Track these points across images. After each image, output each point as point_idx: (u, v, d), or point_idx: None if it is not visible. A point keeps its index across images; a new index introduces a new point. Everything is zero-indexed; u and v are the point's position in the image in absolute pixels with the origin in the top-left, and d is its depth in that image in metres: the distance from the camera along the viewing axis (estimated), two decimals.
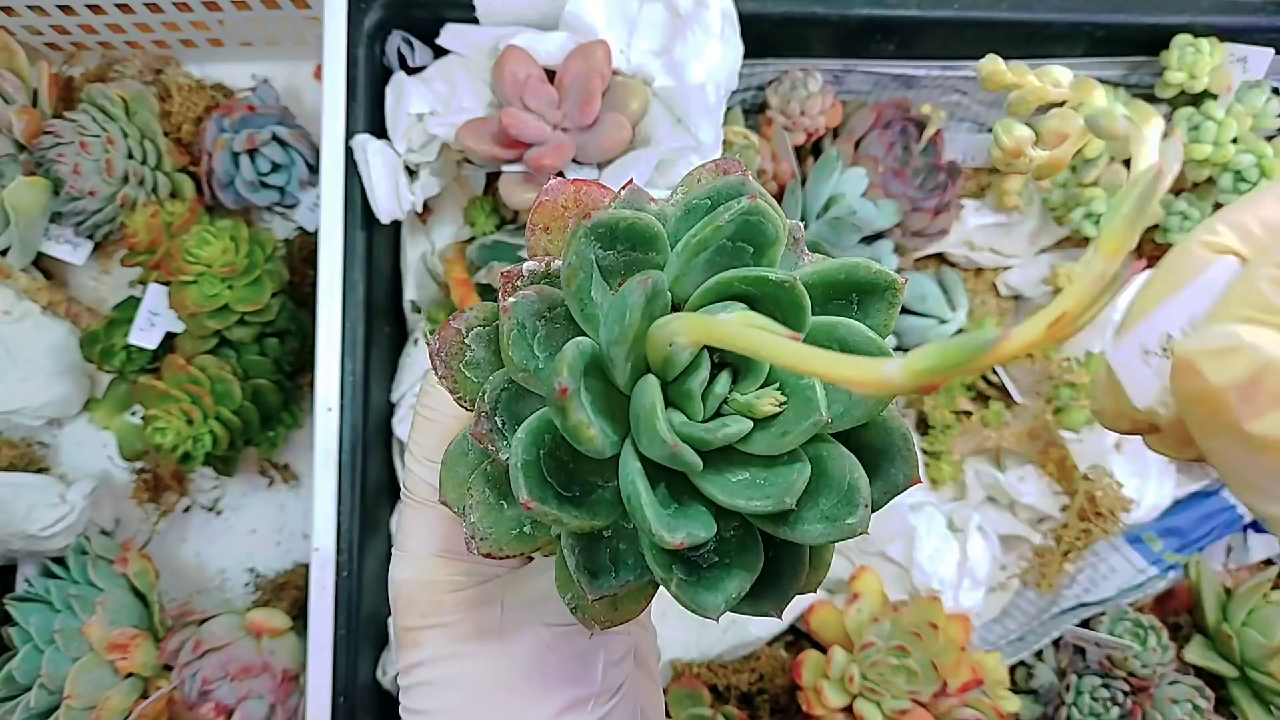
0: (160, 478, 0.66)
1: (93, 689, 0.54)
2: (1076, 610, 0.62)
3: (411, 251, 0.59)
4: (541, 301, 0.22)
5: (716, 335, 0.19)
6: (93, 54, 0.68)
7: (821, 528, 0.20)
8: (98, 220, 0.62)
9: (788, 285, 0.20)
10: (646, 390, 0.20)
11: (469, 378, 0.23)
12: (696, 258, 0.21)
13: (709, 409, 0.21)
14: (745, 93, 0.62)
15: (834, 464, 0.21)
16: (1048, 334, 0.14)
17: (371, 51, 0.54)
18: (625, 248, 0.22)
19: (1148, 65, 0.59)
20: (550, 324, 0.22)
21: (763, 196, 0.21)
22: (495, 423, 0.22)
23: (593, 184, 0.23)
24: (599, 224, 0.21)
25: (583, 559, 0.22)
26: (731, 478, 0.21)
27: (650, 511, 0.20)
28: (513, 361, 0.22)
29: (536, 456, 0.21)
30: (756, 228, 0.21)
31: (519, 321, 0.21)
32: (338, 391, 0.52)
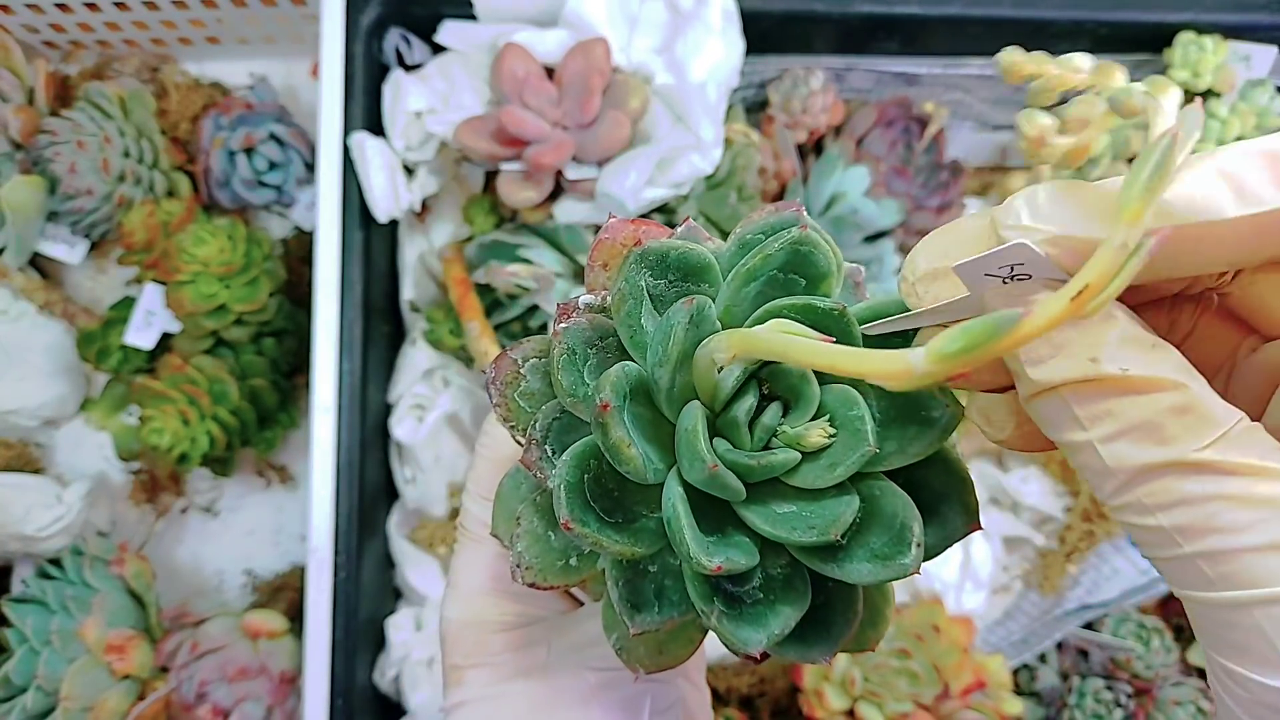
0: (157, 478, 0.66)
1: (89, 691, 0.54)
2: (1080, 612, 0.61)
3: (409, 250, 0.59)
4: (593, 330, 0.22)
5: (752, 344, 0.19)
6: (90, 52, 0.68)
7: (870, 567, 0.20)
8: (94, 219, 0.62)
9: (836, 313, 0.20)
10: (690, 413, 0.20)
11: (523, 407, 0.24)
12: (746, 287, 0.21)
13: (757, 441, 0.21)
14: (746, 90, 0.62)
15: (886, 502, 0.20)
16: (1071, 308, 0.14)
17: (369, 49, 0.54)
18: (676, 278, 0.22)
19: (1151, 63, 0.59)
20: (602, 352, 0.23)
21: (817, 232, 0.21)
22: (545, 450, 0.22)
23: (653, 224, 0.24)
24: (650, 252, 0.21)
25: (626, 591, 0.22)
26: (777, 509, 0.21)
27: (689, 534, 0.19)
28: (562, 386, 0.22)
29: (580, 480, 0.21)
30: (807, 258, 0.21)
31: (569, 348, 0.22)
32: (335, 392, 0.52)
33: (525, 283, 0.53)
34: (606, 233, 0.23)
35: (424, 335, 0.58)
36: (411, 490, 0.58)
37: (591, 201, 0.50)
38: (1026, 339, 0.14)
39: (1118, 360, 0.16)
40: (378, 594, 0.58)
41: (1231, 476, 0.16)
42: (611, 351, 0.23)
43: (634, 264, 0.21)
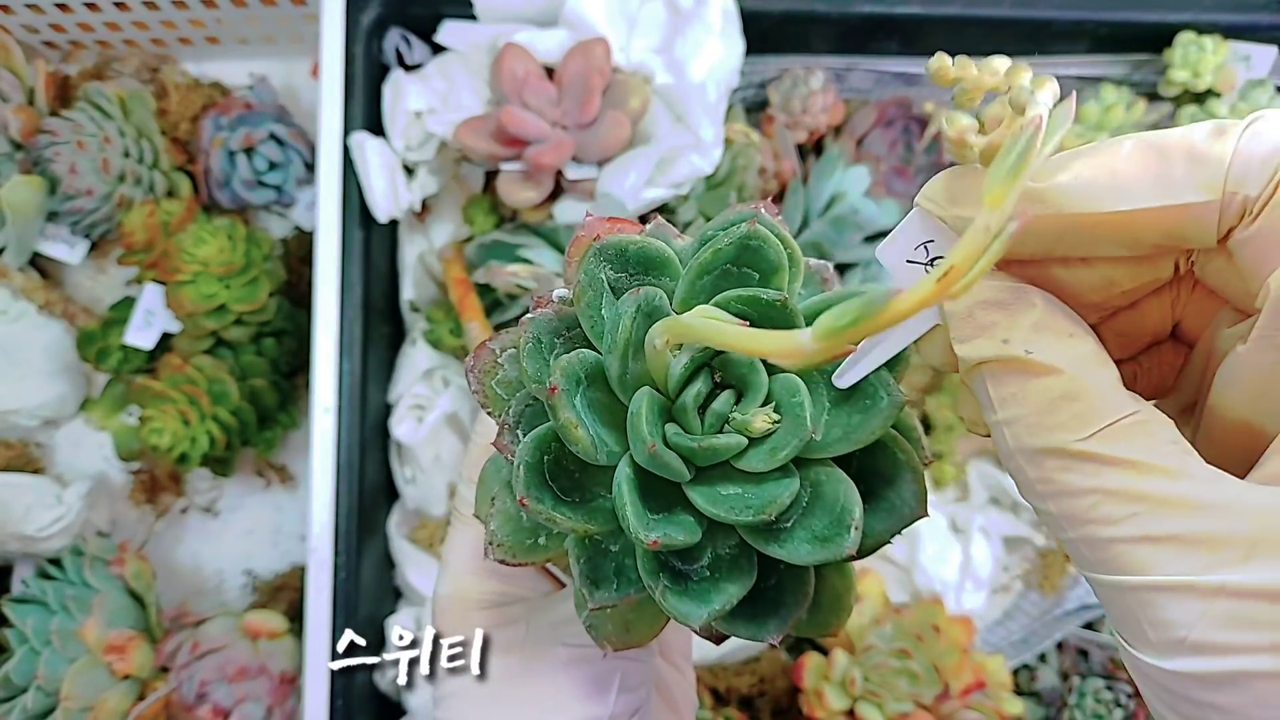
0: (157, 478, 0.66)
1: (89, 691, 0.54)
2: (1080, 612, 0.61)
3: (409, 250, 0.59)
4: (560, 320, 0.24)
5: (677, 328, 0.20)
6: (89, 52, 0.68)
7: (810, 547, 0.21)
8: (94, 219, 0.62)
9: (779, 304, 0.21)
10: (639, 398, 0.21)
11: (499, 394, 0.25)
12: (700, 280, 0.22)
13: (709, 426, 0.22)
14: (746, 90, 0.62)
15: (829, 486, 0.22)
16: (937, 289, 0.15)
17: (369, 49, 0.54)
18: (637, 271, 0.23)
19: (1151, 63, 0.59)
20: (567, 341, 0.24)
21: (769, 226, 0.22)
22: (516, 435, 0.23)
23: (629, 222, 0.25)
24: (608, 246, 0.23)
25: (587, 568, 0.23)
26: (721, 490, 0.22)
27: (631, 510, 0.21)
28: (528, 373, 0.23)
29: (540, 460, 0.22)
30: (758, 252, 0.22)
31: (535, 336, 0.23)
32: (335, 392, 0.52)
33: (525, 282, 0.53)
34: (583, 230, 0.24)
35: (424, 335, 0.58)
36: (411, 490, 0.58)
37: (591, 202, 0.50)
38: (898, 316, 0.15)
39: (1026, 343, 0.17)
40: (378, 594, 0.58)
41: (1110, 467, 0.16)
42: (577, 341, 0.24)
43: (593, 257, 0.23)
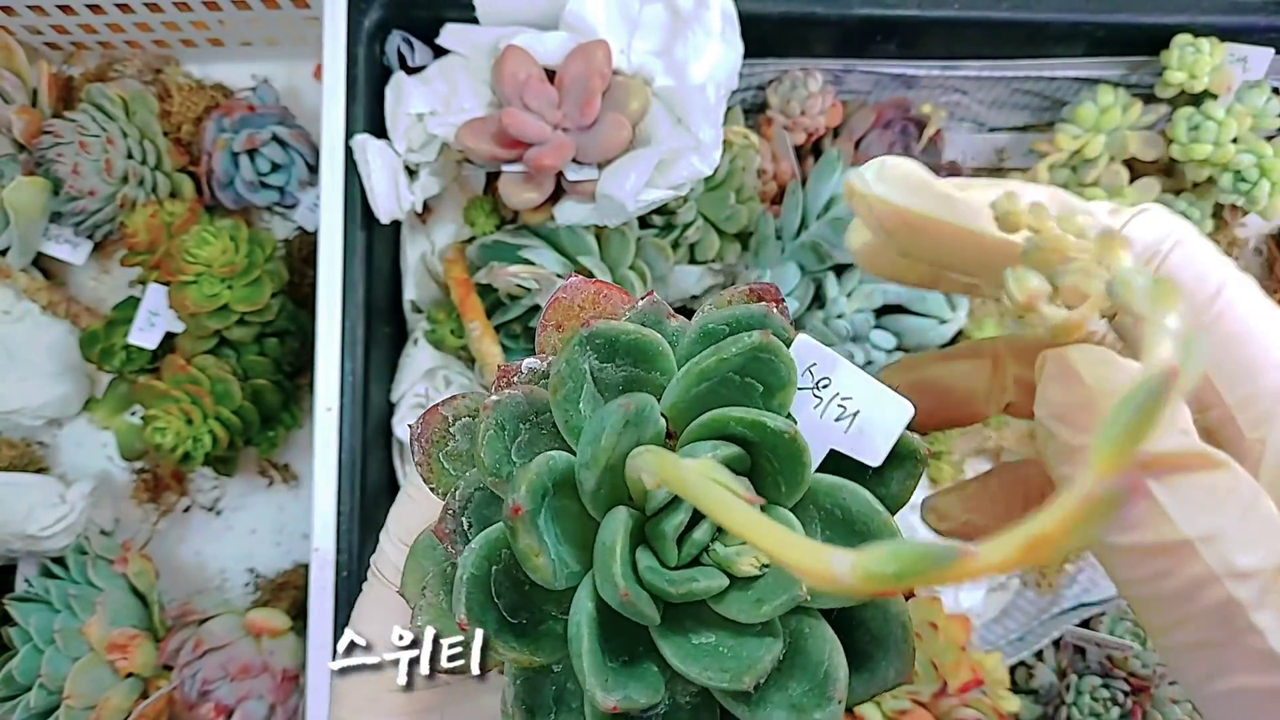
0: (160, 478, 0.66)
1: (92, 689, 0.54)
2: (1077, 610, 0.62)
3: (411, 251, 0.59)
4: (529, 404, 0.20)
5: (676, 480, 0.17)
6: (92, 54, 0.68)
7: (785, 715, 0.18)
8: (97, 220, 0.62)
9: (788, 436, 0.18)
10: (613, 525, 0.18)
11: (446, 469, 0.22)
12: (699, 387, 0.19)
13: (684, 555, 0.19)
14: (745, 92, 0.62)
15: (813, 644, 0.19)
16: (1021, 556, 0.12)
17: (371, 51, 0.54)
18: (626, 363, 0.20)
19: (1148, 65, 0.59)
20: (535, 430, 0.20)
21: (781, 333, 0.20)
22: (461, 523, 0.20)
23: (615, 289, 0.22)
24: (597, 334, 0.19)
25: (522, 691, 0.20)
26: (694, 639, 0.19)
27: (589, 662, 0.18)
28: (484, 463, 0.20)
29: (487, 572, 0.19)
30: (768, 365, 0.19)
31: (499, 422, 0.20)
32: (337, 392, 0.52)
33: (526, 283, 0.53)
34: (564, 292, 0.21)
35: (426, 335, 0.59)
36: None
37: (592, 203, 0.50)
38: (967, 576, 0.12)
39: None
40: None
41: None
42: (546, 430, 0.20)
43: (578, 346, 0.19)
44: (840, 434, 0.20)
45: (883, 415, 0.20)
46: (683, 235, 0.58)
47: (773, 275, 0.56)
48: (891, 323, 0.59)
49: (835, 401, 0.20)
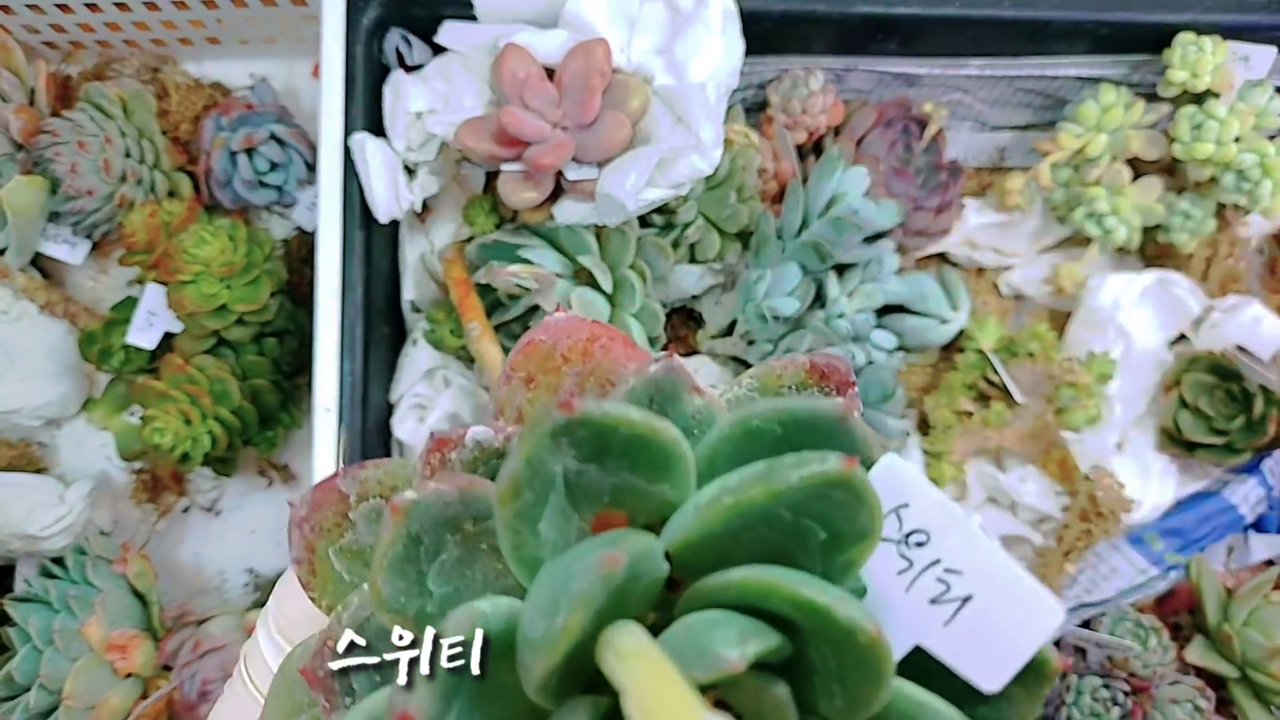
0: (159, 478, 0.66)
1: (92, 689, 0.54)
2: (1077, 611, 0.62)
3: (410, 251, 0.59)
4: (464, 506, 0.13)
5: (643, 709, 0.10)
6: (90, 52, 0.68)
7: None
8: (95, 220, 0.62)
9: (864, 639, 0.12)
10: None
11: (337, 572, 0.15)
12: (730, 523, 0.13)
13: None
14: (746, 91, 0.62)
15: None
16: None
17: (370, 49, 0.54)
18: (620, 465, 0.13)
19: (1150, 64, 0.59)
20: (470, 546, 0.13)
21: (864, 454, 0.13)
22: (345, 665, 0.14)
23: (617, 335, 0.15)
24: (580, 424, 0.12)
25: None
26: None
27: None
28: (380, 593, 0.13)
29: None
30: (841, 508, 0.12)
31: (412, 533, 0.13)
32: (336, 392, 0.52)
33: (526, 283, 0.53)
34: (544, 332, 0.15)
35: (425, 335, 0.59)
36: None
37: (592, 202, 0.50)
38: None
39: None
40: None
41: None
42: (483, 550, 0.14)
43: (549, 438, 0.13)
44: (937, 624, 0.13)
45: (1013, 613, 0.12)
46: (683, 234, 0.58)
47: (774, 274, 0.56)
48: (893, 323, 0.59)
49: (935, 572, 0.13)
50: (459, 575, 0.13)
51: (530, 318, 0.58)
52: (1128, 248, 0.62)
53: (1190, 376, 0.60)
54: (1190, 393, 0.59)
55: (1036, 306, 0.66)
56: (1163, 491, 0.60)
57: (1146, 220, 0.60)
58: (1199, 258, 0.64)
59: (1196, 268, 0.64)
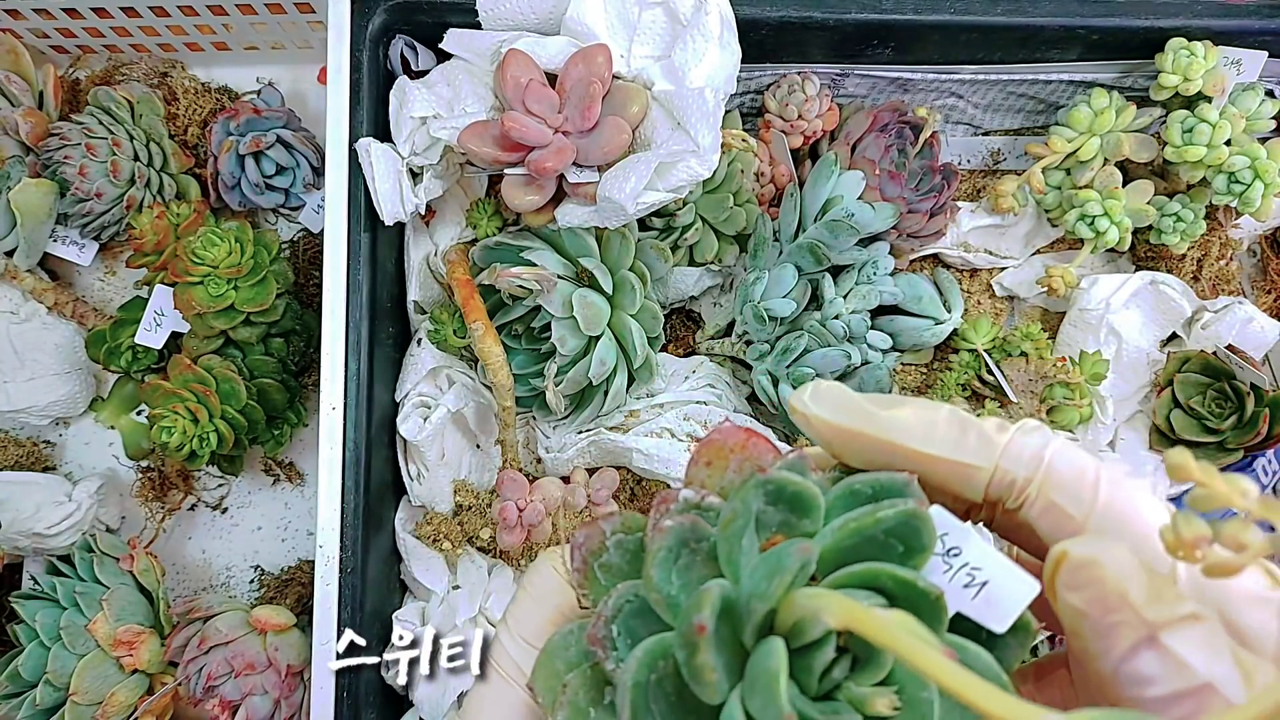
0: (166, 476, 0.67)
1: (98, 685, 0.55)
2: None
3: (415, 253, 0.60)
4: (693, 532, 0.23)
5: (868, 627, 0.18)
6: (99, 57, 0.69)
7: None
8: (104, 222, 0.63)
9: (933, 596, 0.20)
10: (773, 653, 0.20)
11: (599, 579, 0.24)
12: (851, 540, 0.22)
13: (821, 689, 0.21)
14: (744, 96, 0.63)
15: None
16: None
17: (375, 55, 0.55)
18: (784, 508, 0.22)
19: (1142, 68, 0.60)
20: (693, 555, 0.23)
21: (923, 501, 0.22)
22: (611, 631, 0.22)
23: (763, 439, 0.24)
24: (770, 481, 0.22)
25: None
26: None
27: None
28: (652, 579, 0.22)
29: (647, 680, 0.21)
30: (914, 531, 0.21)
31: (669, 546, 0.22)
32: (342, 391, 0.53)
33: (528, 284, 0.54)
34: (717, 434, 0.24)
35: (429, 335, 0.59)
36: (417, 486, 0.59)
37: (593, 205, 0.51)
38: None
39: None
40: (384, 588, 0.59)
41: None
42: (702, 556, 0.23)
43: (753, 489, 0.22)
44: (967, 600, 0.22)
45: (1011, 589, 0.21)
46: (682, 237, 0.59)
47: (771, 276, 0.57)
48: (887, 323, 0.60)
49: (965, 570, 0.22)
50: (688, 575, 0.22)
51: (532, 318, 0.59)
52: (1120, 249, 0.63)
53: (1182, 376, 0.60)
54: (1182, 392, 0.60)
55: (1029, 307, 0.67)
56: (1155, 490, 0.61)
57: (1138, 222, 0.61)
58: (1190, 259, 0.64)
59: (1188, 269, 0.65)
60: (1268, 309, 0.66)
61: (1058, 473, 0.22)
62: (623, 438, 0.60)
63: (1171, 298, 0.61)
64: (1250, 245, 0.69)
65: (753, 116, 0.65)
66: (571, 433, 0.61)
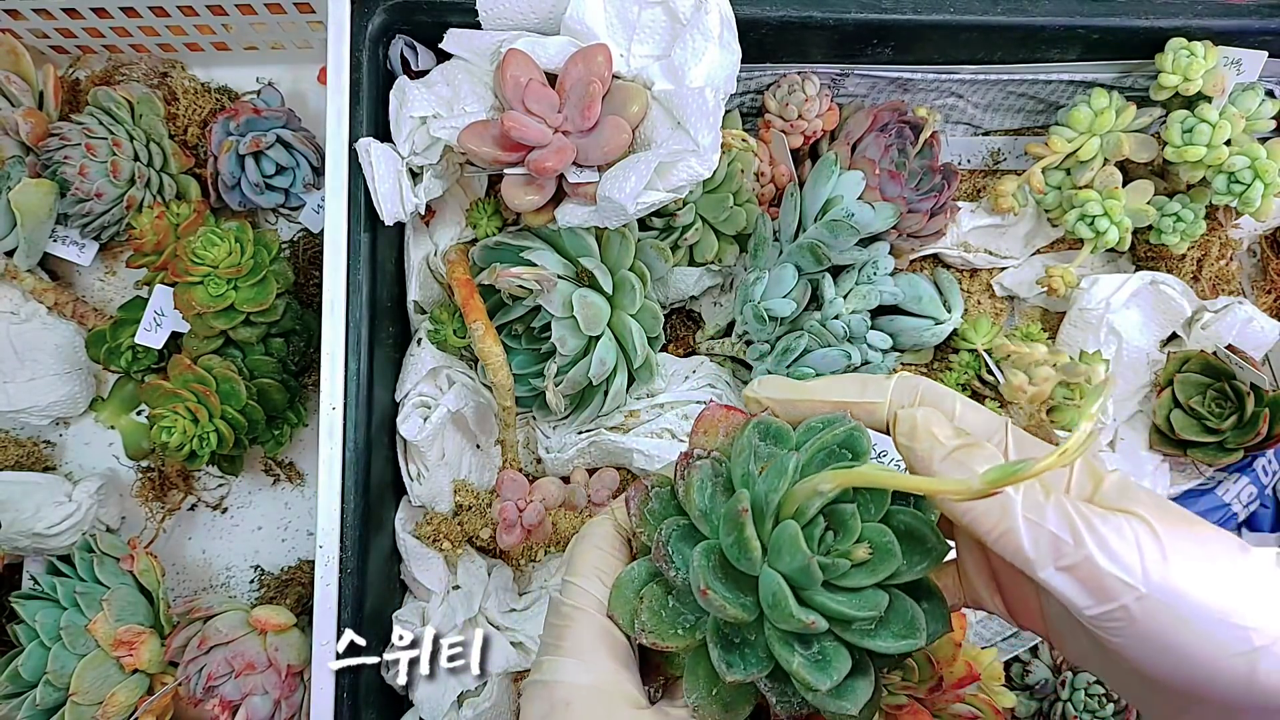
0: (166, 476, 0.67)
1: (98, 685, 0.55)
2: None
3: (415, 253, 0.60)
4: (713, 469, 0.34)
5: (855, 478, 0.30)
6: (99, 57, 0.69)
7: (892, 642, 0.31)
8: (104, 222, 0.63)
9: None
10: (789, 527, 0.30)
11: (648, 519, 0.35)
12: (818, 453, 0.32)
13: (819, 551, 0.31)
14: (744, 96, 0.63)
15: (901, 603, 0.31)
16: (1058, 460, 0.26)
17: (375, 55, 0.55)
18: (770, 442, 0.33)
19: (1142, 68, 0.60)
20: (715, 485, 0.33)
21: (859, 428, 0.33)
22: (667, 551, 0.33)
23: (739, 410, 0.36)
24: (762, 423, 0.33)
25: (723, 653, 0.32)
26: (838, 595, 0.31)
27: (792, 603, 0.30)
28: (693, 502, 0.33)
29: (709, 563, 0.32)
30: (856, 440, 0.32)
31: (701, 479, 0.33)
32: (342, 391, 0.53)
33: (528, 284, 0.54)
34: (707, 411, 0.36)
35: (429, 335, 0.59)
36: (417, 486, 0.59)
37: (593, 205, 0.51)
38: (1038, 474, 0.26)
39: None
40: (384, 588, 0.59)
41: None
42: (721, 485, 0.33)
43: (753, 429, 0.33)
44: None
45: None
46: (682, 237, 0.59)
47: (771, 276, 0.57)
48: (888, 323, 0.60)
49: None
50: (715, 498, 0.33)
51: (532, 318, 0.59)
52: (1120, 249, 0.63)
53: (1182, 376, 0.60)
54: (1182, 392, 0.60)
55: (1029, 307, 0.67)
56: (1155, 489, 0.61)
57: (1138, 222, 0.61)
58: (1190, 259, 0.64)
59: (1188, 269, 0.65)
60: (1268, 309, 0.66)
61: (930, 401, 0.33)
62: (623, 438, 0.60)
63: (1171, 298, 0.61)
64: (1250, 245, 0.69)
65: (753, 116, 0.65)
66: (571, 433, 0.61)
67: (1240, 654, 0.27)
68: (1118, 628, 0.28)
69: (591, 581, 0.34)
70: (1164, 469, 0.62)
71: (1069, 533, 0.28)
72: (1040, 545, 0.28)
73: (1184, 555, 0.28)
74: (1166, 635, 0.28)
